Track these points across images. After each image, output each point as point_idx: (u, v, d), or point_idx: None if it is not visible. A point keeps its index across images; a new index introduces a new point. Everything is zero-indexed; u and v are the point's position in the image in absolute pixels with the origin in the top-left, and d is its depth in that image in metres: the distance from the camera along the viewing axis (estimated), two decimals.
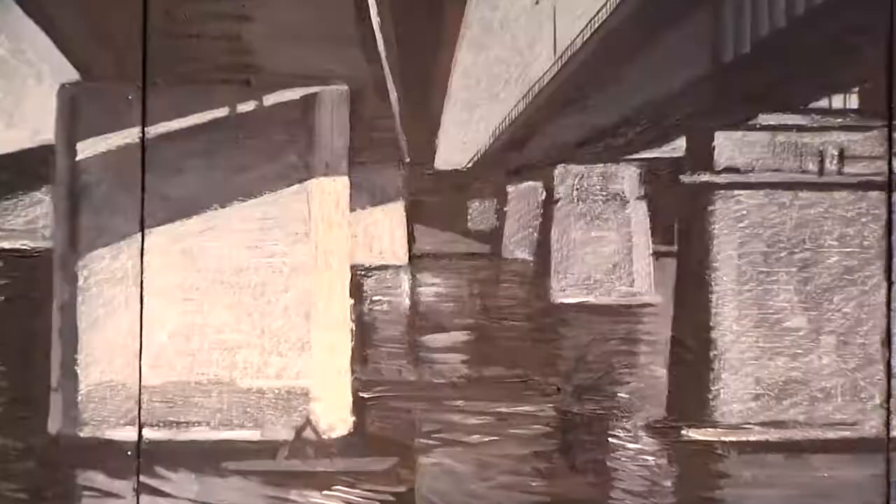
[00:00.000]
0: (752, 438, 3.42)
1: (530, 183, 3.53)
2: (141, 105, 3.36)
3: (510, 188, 3.54)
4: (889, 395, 3.42)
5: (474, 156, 3.55)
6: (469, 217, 3.53)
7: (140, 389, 3.38)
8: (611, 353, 3.48)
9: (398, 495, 3.42)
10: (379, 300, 3.48)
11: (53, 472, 3.42)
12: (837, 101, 3.46)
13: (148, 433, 3.40)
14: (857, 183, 3.41)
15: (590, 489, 3.40)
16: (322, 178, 3.41)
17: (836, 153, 3.38)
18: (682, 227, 3.51)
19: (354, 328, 3.45)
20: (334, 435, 3.43)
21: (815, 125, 3.42)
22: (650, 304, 3.51)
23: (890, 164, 3.38)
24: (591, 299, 3.53)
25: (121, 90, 3.37)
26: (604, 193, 3.50)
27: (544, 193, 3.53)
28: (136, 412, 3.39)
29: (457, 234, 3.53)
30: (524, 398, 3.43)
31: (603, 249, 3.53)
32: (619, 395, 3.45)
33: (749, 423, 3.42)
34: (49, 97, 3.41)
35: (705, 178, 3.43)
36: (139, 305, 3.39)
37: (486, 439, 3.44)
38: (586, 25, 3.47)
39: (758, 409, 3.44)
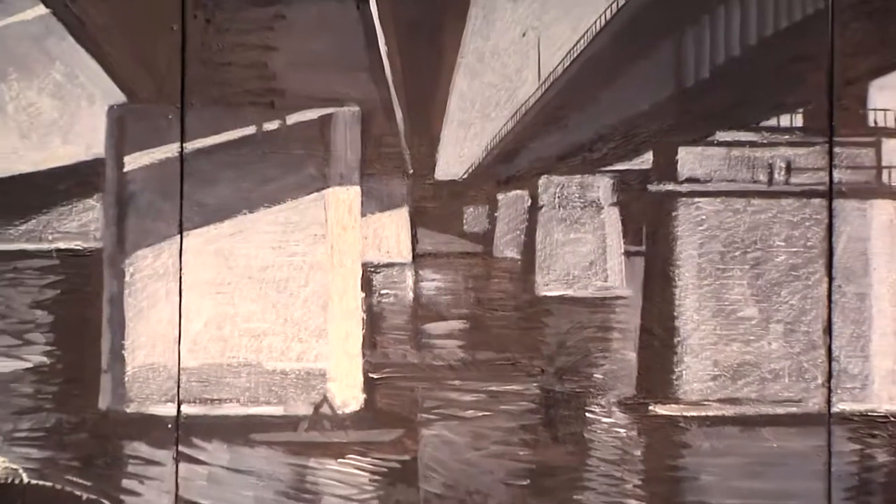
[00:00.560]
0: (710, 413, 3.59)
1: (517, 191, 3.69)
2: (179, 124, 3.56)
3: (500, 196, 3.71)
4: (830, 376, 3.60)
5: (469, 168, 3.72)
6: (464, 221, 3.71)
7: (179, 371, 3.59)
8: (588, 339, 3.65)
9: (403, 462, 3.61)
10: (386, 293, 3.66)
11: (103, 443, 3.62)
12: (785, 121, 3.65)
13: (185, 409, 3.60)
14: (801, 192, 3.59)
15: (569, 457, 3.60)
16: (337, 187, 3.61)
17: (783, 165, 3.59)
18: (649, 229, 3.66)
19: (365, 318, 3.63)
20: (348, 410, 3.61)
21: (765, 141, 3.61)
22: (622, 297, 3.67)
23: (830, 175, 3.56)
24: (570, 292, 3.69)
25: (162, 111, 3.58)
26: (581, 201, 3.69)
27: (530, 201, 3.70)
28: (176, 391, 3.59)
29: (454, 236, 3.72)
30: (512, 378, 3.61)
31: (581, 249, 3.70)
32: (594, 375, 3.62)
33: (708, 400, 3.60)
34: (99, 117, 3.61)
35: (669, 187, 3.61)
36: (178, 298, 3.59)
37: (480, 414, 3.62)
38: (566, 55, 3.68)
39: (715, 387, 3.61)
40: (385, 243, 3.79)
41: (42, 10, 3.79)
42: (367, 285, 3.76)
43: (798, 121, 3.73)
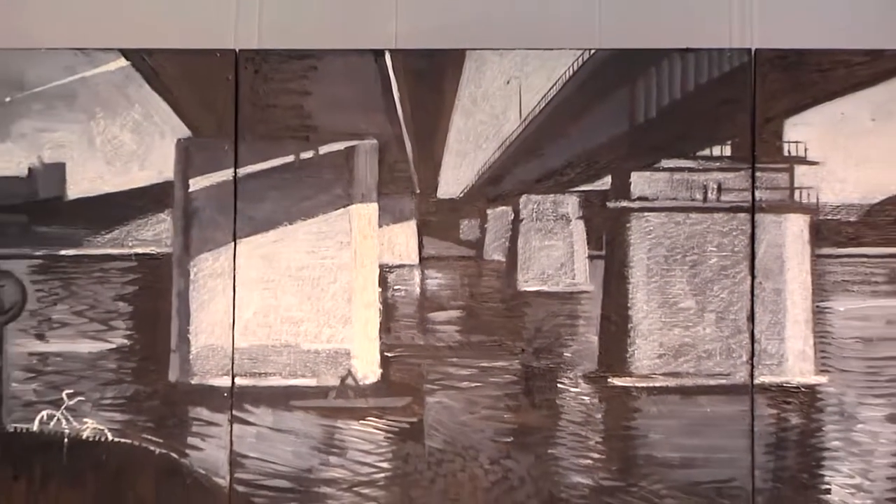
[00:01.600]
0: (656, 385, 3.89)
1: (503, 207, 3.99)
2: (234, 153, 3.89)
3: (489, 211, 4.01)
4: (752, 355, 3.87)
5: (464, 189, 4.00)
6: (461, 231, 4.00)
7: (233, 350, 3.89)
8: (559, 325, 3.94)
9: (411, 424, 3.90)
10: (399, 289, 3.97)
11: (172, 409, 3.90)
12: (716, 151, 3.95)
13: (238, 381, 3.90)
14: (729, 207, 3.89)
15: (544, 420, 3.89)
16: (359, 204, 3.92)
17: (715, 187, 3.89)
18: (608, 238, 3.97)
19: (381, 308, 3.93)
20: (367, 382, 3.92)
21: (700, 167, 3.91)
22: (586, 292, 3.97)
23: (753, 194, 3.86)
24: (545, 288, 3.99)
25: (219, 143, 3.88)
26: (554, 215, 3.99)
27: (513, 215, 4.00)
28: (230, 366, 3.90)
29: (452, 243, 4.01)
30: (499, 356, 3.91)
31: (553, 253, 4.00)
32: (564, 354, 3.92)
33: (655, 374, 3.90)
34: (170, 148, 3.91)
35: (624, 204, 3.91)
36: (232, 292, 3.90)
37: (473, 385, 3.92)
38: (542, 98, 3.96)
39: (661, 364, 3.91)
40: (397, 249, 4.05)
41: (123, 62, 4.01)
42: (383, 282, 4.02)
43: (727, 151, 3.98)
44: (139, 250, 4.00)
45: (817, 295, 3.90)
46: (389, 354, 3.99)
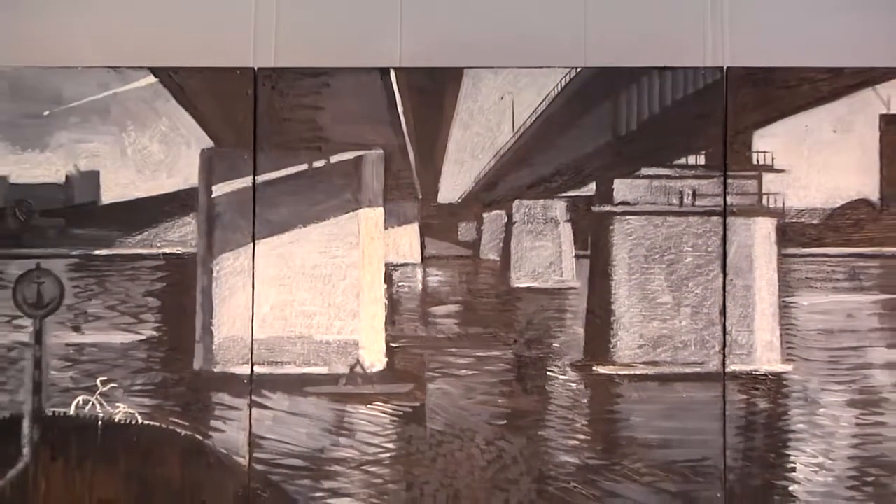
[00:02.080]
0: (637, 372, 3.93)
1: (497, 211, 4.04)
2: (252, 162, 3.92)
3: (485, 215, 4.06)
4: (724, 346, 3.93)
5: (462, 194, 4.05)
6: (459, 233, 4.05)
7: (252, 341, 3.93)
8: (548, 318, 3.98)
9: (414, 408, 3.95)
10: (403, 285, 4.01)
11: (197, 394, 3.94)
12: (692, 160, 4.01)
13: (257, 369, 3.94)
14: (703, 211, 3.93)
15: (535, 404, 3.94)
16: (367, 208, 3.95)
17: (690, 192, 3.93)
18: (593, 239, 4.00)
19: (387, 303, 3.97)
20: (374, 370, 3.96)
21: (677, 175, 3.95)
22: (573, 288, 4.01)
23: (725, 200, 3.91)
24: (536, 284, 4.03)
25: (239, 153, 3.91)
26: (544, 218, 4.03)
27: (506, 218, 4.05)
28: (250, 356, 3.93)
29: (451, 244, 4.06)
30: (493, 346, 3.96)
31: (543, 253, 4.05)
32: (553, 344, 3.96)
33: (636, 363, 3.94)
34: (195, 157, 3.94)
35: (608, 208, 3.95)
36: (251, 289, 3.93)
37: (470, 373, 3.97)
38: (533, 112, 4.00)
39: (641, 353, 3.95)
40: (401, 249, 4.10)
41: (152, 79, 4.06)
42: (388, 279, 4.08)
43: (701, 160, 4.04)
44: (167, 250, 4.01)
45: (783, 291, 3.94)
46: (394, 345, 4.02)
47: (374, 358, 4.06)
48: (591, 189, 4.08)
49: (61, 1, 4.35)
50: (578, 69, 4.03)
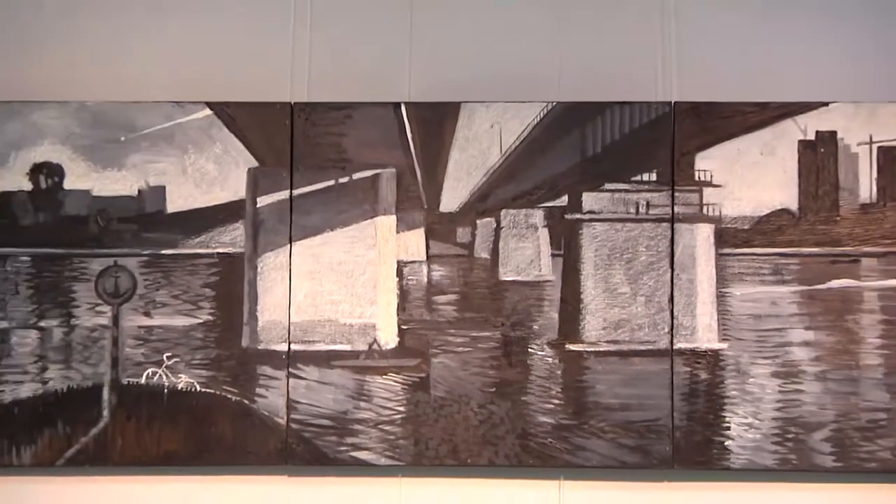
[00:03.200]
0: (601, 349, 4.16)
1: (488, 218, 4.25)
2: (290, 179, 4.12)
3: (478, 221, 4.26)
4: (672, 328, 4.15)
5: (460, 205, 4.26)
6: (457, 236, 4.24)
7: (289, 324, 4.12)
8: (529, 305, 4.20)
9: (420, 378, 4.14)
10: (411, 279, 4.22)
11: (244, 367, 4.15)
12: (646, 177, 4.24)
13: (293, 346, 4.13)
14: (655, 219, 4.14)
15: (519, 375, 4.15)
16: (382, 216, 4.17)
17: (645, 203, 4.14)
18: (565, 241, 4.21)
19: (399, 293, 4.18)
20: (388, 347, 4.18)
21: (634, 189, 4.15)
22: (549, 281, 4.21)
23: (672, 209, 4.11)
24: (519, 278, 4.24)
25: (279, 172, 4.12)
26: (526, 224, 4.24)
27: (495, 224, 4.26)
28: (287, 336, 4.13)
29: (451, 245, 4.25)
30: (485, 328, 4.17)
31: (525, 253, 4.25)
32: (533, 327, 4.18)
33: (601, 341, 4.16)
34: (242, 175, 4.15)
35: (577, 216, 4.16)
36: (289, 281, 4.13)
37: (466, 350, 4.20)
38: (517, 138, 4.22)
39: (604, 334, 4.17)
40: (410, 249, 4.31)
41: (208, 111, 4.28)
42: (400, 274, 4.27)
43: (653, 177, 4.27)
44: (220, 250, 4.22)
45: (720, 283, 4.17)
46: (404, 327, 4.23)
47: (388, 337, 4.23)
48: (564, 201, 4.26)
49: (136, 47, 4.43)
50: (554, 103, 4.22)
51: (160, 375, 4.20)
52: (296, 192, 4.19)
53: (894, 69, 4.22)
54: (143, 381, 4.19)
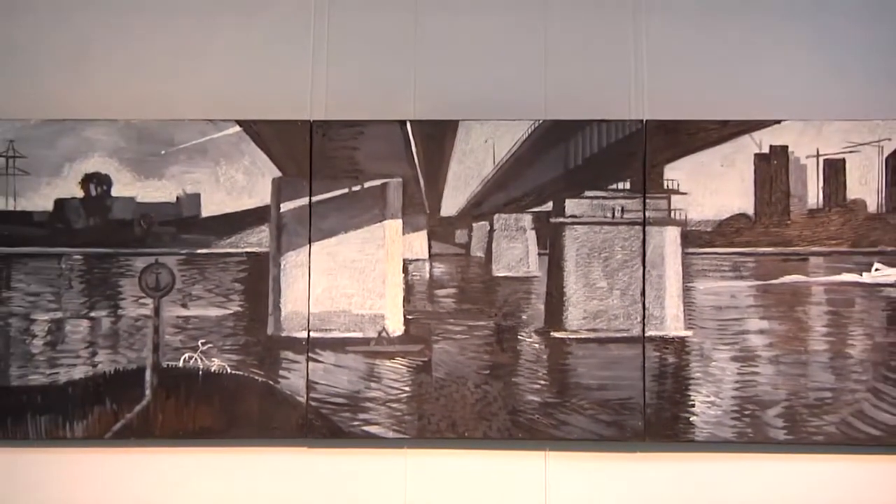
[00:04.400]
0: (582, 337, 4.40)
1: (483, 222, 4.47)
2: (309, 187, 4.34)
3: (474, 224, 4.49)
4: (644, 318, 4.39)
5: (458, 210, 4.49)
6: (456, 237, 4.46)
7: (308, 314, 4.36)
8: (518, 298, 4.45)
9: (424, 362, 4.38)
10: (415, 275, 4.46)
11: (270, 352, 4.39)
12: (621, 185, 4.46)
13: (312, 334, 4.39)
14: (629, 222, 4.37)
15: (510, 359, 4.39)
16: (390, 220, 4.40)
17: (620, 209, 4.37)
18: (551, 241, 4.43)
19: (404, 287, 4.43)
20: (395, 335, 4.45)
21: (610, 196, 4.38)
22: (536, 276, 4.45)
23: (644, 214, 4.34)
24: (510, 274, 4.46)
25: (300, 181, 4.34)
26: (516, 227, 4.45)
27: (489, 227, 4.47)
28: (307, 325, 4.38)
29: (450, 245, 4.47)
30: (480, 318, 4.42)
31: (515, 252, 4.46)
32: (522, 316, 4.43)
33: (582, 330, 4.40)
34: (268, 184, 4.38)
35: (561, 220, 4.39)
36: (308, 277, 4.38)
37: (463, 337, 4.44)
38: (507, 152, 4.45)
39: (584, 323, 4.42)
40: (415, 248, 4.52)
41: (237, 128, 4.54)
42: (405, 270, 4.52)
43: (627, 185, 4.48)
44: (248, 250, 4.47)
45: (686, 278, 4.41)
46: (410, 317, 4.48)
47: (395, 326, 4.46)
48: (549, 206, 4.48)
49: (174, 71, 4.65)
50: (540, 121, 4.43)
51: (196, 359, 4.44)
52: (314, 199, 4.43)
53: (838, 92, 4.45)
54: (180, 364, 4.44)
